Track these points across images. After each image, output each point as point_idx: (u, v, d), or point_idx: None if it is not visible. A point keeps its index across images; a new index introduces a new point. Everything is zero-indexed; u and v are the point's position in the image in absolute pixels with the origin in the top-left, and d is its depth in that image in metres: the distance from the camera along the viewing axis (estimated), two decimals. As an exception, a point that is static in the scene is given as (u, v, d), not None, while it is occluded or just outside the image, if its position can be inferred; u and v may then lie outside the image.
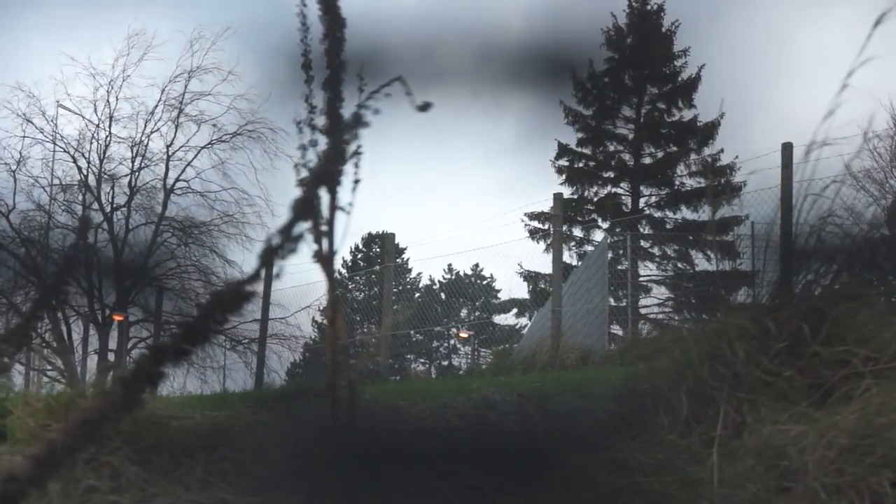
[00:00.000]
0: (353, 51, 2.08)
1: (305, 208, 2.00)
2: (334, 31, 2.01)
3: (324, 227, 2.24)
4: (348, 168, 2.11)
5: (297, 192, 2.13)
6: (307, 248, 2.25)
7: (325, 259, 2.25)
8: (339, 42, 2.02)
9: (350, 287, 39.50)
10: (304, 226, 1.98)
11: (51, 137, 27.05)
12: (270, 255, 1.93)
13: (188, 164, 27.27)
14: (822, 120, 4.50)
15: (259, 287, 1.93)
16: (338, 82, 2.06)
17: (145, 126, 27.21)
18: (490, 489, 4.16)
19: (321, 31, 2.07)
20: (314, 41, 2.10)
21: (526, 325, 26.39)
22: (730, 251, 17.10)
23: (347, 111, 2.11)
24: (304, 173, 2.12)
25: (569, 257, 26.62)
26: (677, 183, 29.67)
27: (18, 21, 34.10)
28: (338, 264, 2.39)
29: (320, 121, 2.10)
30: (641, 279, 25.90)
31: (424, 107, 2.17)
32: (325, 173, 2.07)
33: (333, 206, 2.20)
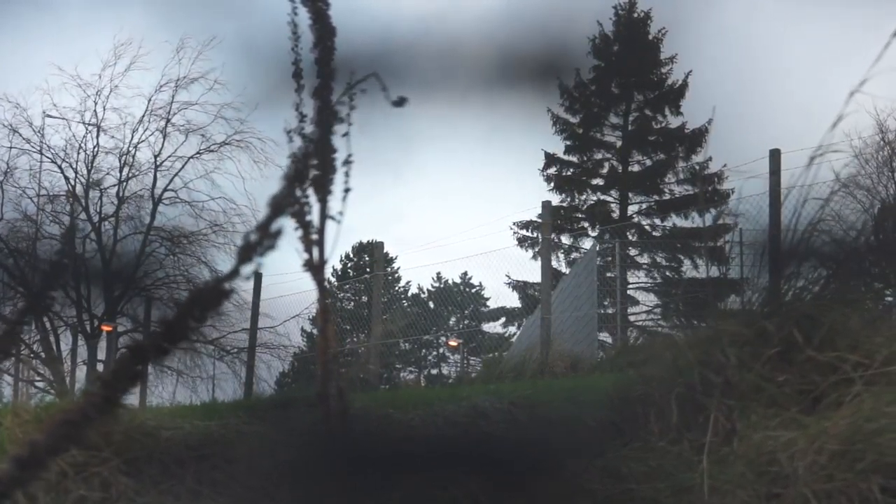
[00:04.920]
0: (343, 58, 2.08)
1: (283, 204, 1.99)
2: (325, 40, 2.02)
3: (314, 236, 2.23)
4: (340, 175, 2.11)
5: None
6: (298, 257, 2.25)
7: (316, 268, 2.25)
8: (329, 50, 2.03)
9: (339, 296, 39.41)
10: (282, 222, 1.97)
11: (38, 148, 26.99)
12: (249, 252, 1.92)
13: (176, 173, 27.21)
14: (829, 128, 4.49)
15: (237, 284, 1.93)
16: (328, 91, 2.06)
17: (132, 136, 27.18)
18: (482, 497, 4.16)
19: (312, 40, 2.07)
20: (304, 50, 2.10)
21: (515, 334, 26.38)
22: (720, 257, 17.12)
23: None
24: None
25: (558, 265, 26.64)
26: (666, 191, 29.74)
27: (3, 31, 34.02)
28: (327, 273, 2.39)
29: (310, 129, 2.10)
30: (630, 287, 25.93)
31: (400, 102, 2.17)
32: (303, 168, 2.06)
33: (324, 215, 2.20)
